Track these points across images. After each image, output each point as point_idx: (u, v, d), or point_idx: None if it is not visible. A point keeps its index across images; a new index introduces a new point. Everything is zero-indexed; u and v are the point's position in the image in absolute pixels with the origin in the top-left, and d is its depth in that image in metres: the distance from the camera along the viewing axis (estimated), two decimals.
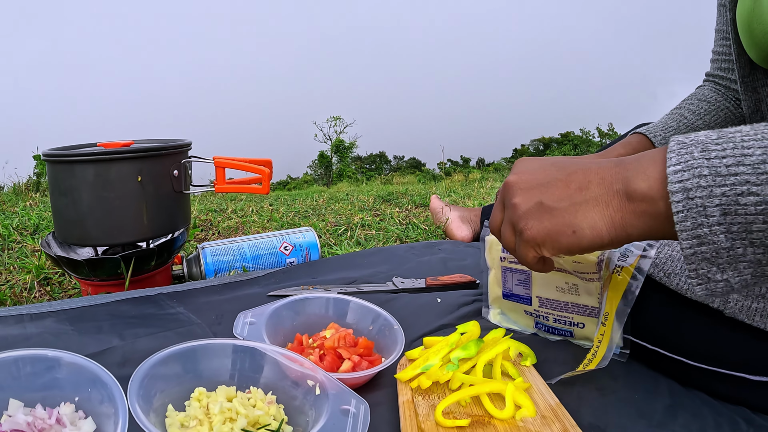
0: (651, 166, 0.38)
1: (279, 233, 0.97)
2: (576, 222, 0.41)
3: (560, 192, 0.43)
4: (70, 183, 0.76)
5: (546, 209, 0.43)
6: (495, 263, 0.74)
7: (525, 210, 0.44)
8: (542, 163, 0.47)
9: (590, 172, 0.42)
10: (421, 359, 0.58)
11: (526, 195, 0.45)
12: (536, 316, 0.70)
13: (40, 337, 0.59)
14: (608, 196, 0.40)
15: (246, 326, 0.57)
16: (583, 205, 0.41)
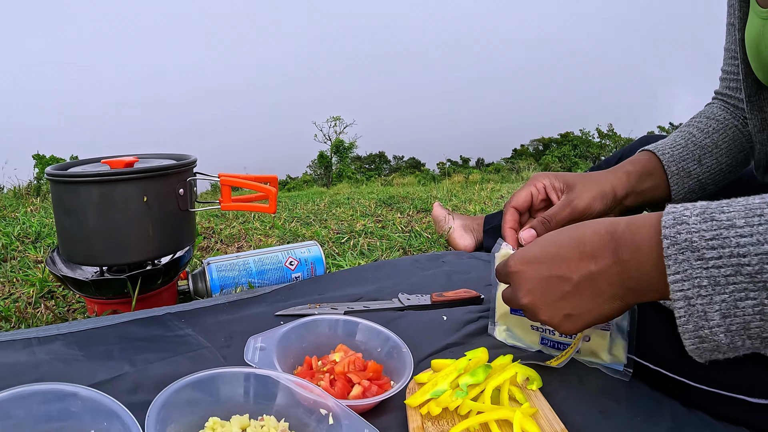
0: (651, 269, 0.43)
1: (284, 248, 0.97)
2: (604, 314, 0.49)
3: (579, 302, 0.50)
4: (75, 203, 0.75)
5: (575, 317, 0.51)
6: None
7: (557, 322, 0.52)
8: (541, 275, 0.52)
9: (595, 278, 0.47)
10: (430, 384, 0.58)
11: (550, 311, 0.52)
12: (542, 330, 0.70)
13: (50, 365, 0.59)
14: (621, 292, 0.47)
15: (257, 352, 0.58)
16: (604, 305, 0.48)
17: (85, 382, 0.54)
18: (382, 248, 1.36)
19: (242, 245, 1.39)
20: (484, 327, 0.79)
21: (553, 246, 0.52)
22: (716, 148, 0.77)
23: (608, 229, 0.47)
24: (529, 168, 6.79)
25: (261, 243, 1.39)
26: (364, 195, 2.60)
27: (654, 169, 0.75)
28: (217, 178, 0.81)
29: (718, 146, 0.77)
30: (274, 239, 1.44)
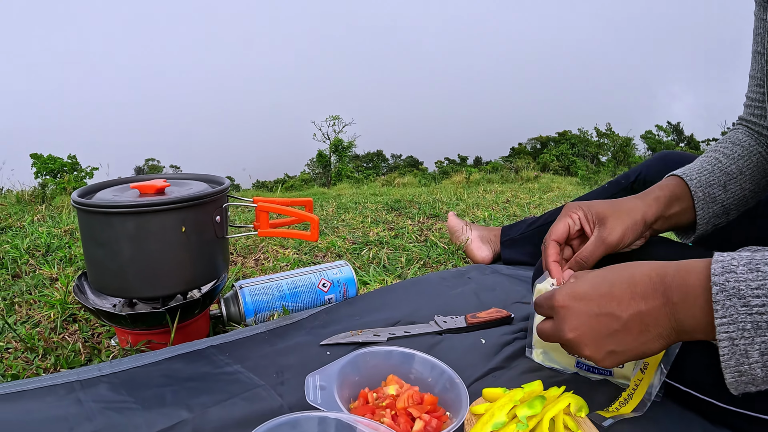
0: (698, 311, 0.46)
1: (316, 269, 0.96)
2: (647, 352, 0.52)
3: (625, 339, 0.52)
4: (108, 234, 0.71)
5: (619, 354, 0.53)
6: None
7: (600, 358, 0.54)
8: (590, 312, 0.54)
9: (644, 316, 0.50)
10: (488, 415, 0.59)
11: (595, 347, 0.54)
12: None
13: (104, 416, 0.56)
14: (666, 332, 0.49)
15: (318, 392, 0.57)
16: (648, 343, 0.51)
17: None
18: (401, 262, 1.35)
19: (259, 257, 1.38)
20: (521, 350, 0.80)
21: (604, 285, 0.54)
22: (741, 174, 0.78)
23: (659, 272, 0.50)
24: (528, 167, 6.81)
25: (279, 255, 1.38)
26: (369, 198, 2.59)
27: (682, 195, 0.76)
28: (253, 204, 0.79)
29: (743, 172, 0.78)
30: (291, 250, 1.43)
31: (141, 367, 0.66)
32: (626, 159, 21.95)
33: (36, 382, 0.62)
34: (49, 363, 0.78)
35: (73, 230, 1.58)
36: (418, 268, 1.30)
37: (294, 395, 0.62)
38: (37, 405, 0.58)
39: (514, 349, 0.79)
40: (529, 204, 2.44)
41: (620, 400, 0.64)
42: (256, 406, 0.59)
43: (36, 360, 0.79)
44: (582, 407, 0.62)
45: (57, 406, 0.58)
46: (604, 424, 0.60)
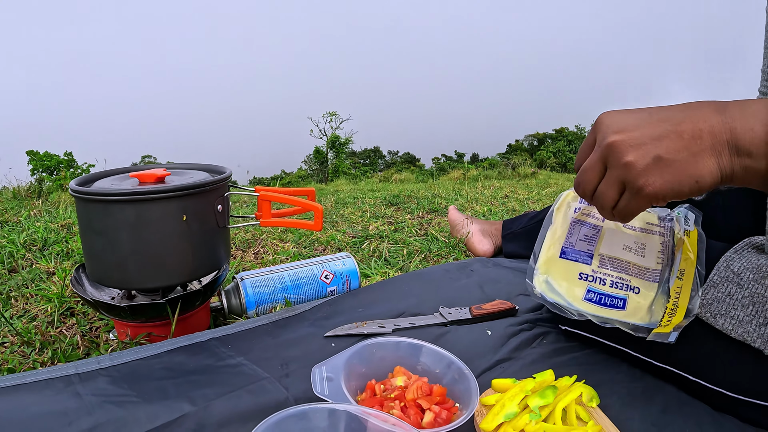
0: (756, 123, 0.41)
1: (318, 260, 0.94)
2: (698, 172, 0.43)
3: (676, 144, 0.43)
4: (107, 223, 0.69)
5: (666, 163, 0.44)
6: (561, 218, 0.73)
7: (643, 167, 0.44)
8: (639, 115, 0.46)
9: (699, 121, 0.43)
10: (498, 406, 0.58)
11: (640, 152, 0.45)
12: (592, 279, 0.68)
13: (104, 410, 0.54)
14: (720, 146, 0.43)
15: (325, 383, 0.55)
16: (701, 155, 0.43)
17: (146, 427, 0.52)
18: (403, 255, 1.34)
19: (259, 251, 1.36)
20: (528, 341, 0.79)
21: (651, 107, 0.48)
22: None
23: (715, 106, 0.45)
24: (525, 164, 6.82)
25: (278, 249, 1.36)
26: (367, 193, 2.57)
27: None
28: (255, 193, 0.77)
29: None
30: (291, 244, 1.41)
31: (141, 360, 0.65)
32: None
33: (33, 376, 0.60)
34: (46, 357, 0.76)
35: (70, 225, 1.56)
36: (420, 261, 1.29)
37: (300, 387, 0.61)
38: (35, 399, 0.56)
39: (521, 341, 0.78)
40: (527, 199, 2.43)
41: (668, 312, 0.63)
42: (261, 398, 0.58)
43: (33, 354, 0.77)
44: (593, 397, 0.62)
45: (55, 399, 0.56)
46: (670, 340, 0.59)
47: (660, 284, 0.65)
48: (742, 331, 0.58)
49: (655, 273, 0.66)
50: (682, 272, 0.63)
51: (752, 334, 0.57)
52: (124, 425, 0.52)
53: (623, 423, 0.57)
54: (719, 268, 0.62)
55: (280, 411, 0.46)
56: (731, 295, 0.60)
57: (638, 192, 0.46)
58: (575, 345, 0.76)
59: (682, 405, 0.62)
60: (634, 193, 0.46)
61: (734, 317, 0.59)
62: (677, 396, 0.64)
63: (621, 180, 0.47)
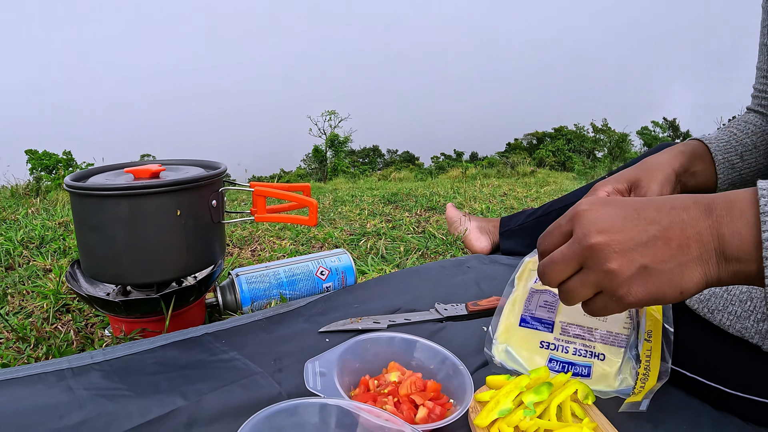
0: (744, 227, 0.39)
1: (314, 257, 0.94)
2: (683, 283, 0.41)
3: (663, 253, 0.41)
4: (102, 218, 0.69)
5: (651, 273, 0.41)
6: (522, 286, 0.71)
7: (627, 276, 0.41)
8: (625, 213, 0.43)
9: (687, 227, 0.41)
10: (493, 402, 0.58)
11: (625, 259, 0.41)
12: (554, 348, 0.66)
13: (95, 403, 0.54)
14: (707, 255, 0.40)
15: (318, 378, 0.55)
16: (688, 265, 0.41)
17: (137, 421, 0.51)
18: (400, 252, 1.34)
19: (256, 248, 1.36)
20: None
21: (637, 201, 0.45)
22: (755, 148, 0.79)
23: (700, 196, 0.43)
24: (524, 162, 6.82)
25: (275, 246, 1.36)
26: (366, 192, 2.57)
27: (703, 154, 0.76)
28: (250, 188, 0.77)
29: (757, 147, 0.79)
30: (288, 241, 1.41)
31: (134, 355, 0.64)
32: (622, 155, 22.03)
33: (26, 370, 0.60)
34: (40, 352, 0.76)
35: (68, 223, 1.56)
36: (417, 258, 1.29)
37: (292, 382, 0.60)
38: (27, 392, 0.56)
39: None
40: (526, 197, 2.43)
41: (640, 378, 0.61)
42: (253, 393, 0.57)
43: (27, 350, 0.77)
44: (589, 394, 0.62)
45: (47, 393, 0.56)
46: (642, 409, 0.57)
47: (627, 349, 0.63)
48: (740, 327, 0.58)
49: (620, 338, 0.64)
50: (650, 334, 0.61)
51: (750, 330, 0.57)
52: (116, 419, 0.51)
53: (618, 420, 0.57)
54: None
55: (270, 405, 0.45)
56: (729, 291, 0.59)
57: (618, 300, 0.43)
58: None
59: (679, 402, 0.62)
60: (613, 300, 0.43)
61: (732, 313, 0.59)
62: (674, 393, 0.64)
63: (599, 285, 0.43)
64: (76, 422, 0.51)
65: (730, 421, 0.59)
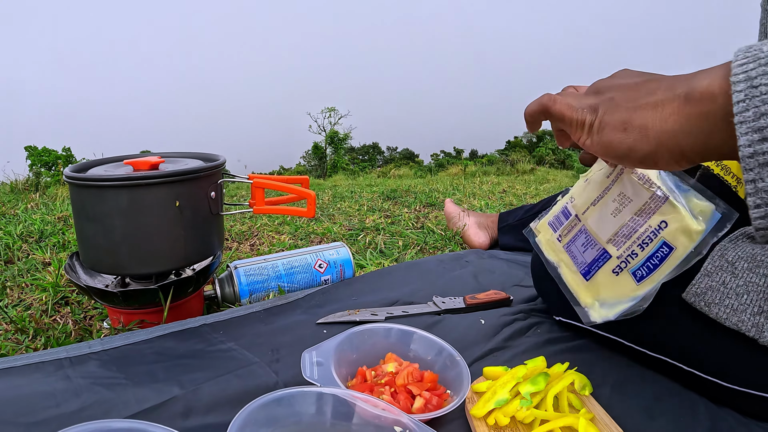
0: (717, 69, 0.37)
1: (312, 250, 0.94)
2: (630, 120, 0.40)
3: (630, 94, 0.42)
4: (101, 209, 0.69)
5: (614, 104, 0.42)
6: (557, 254, 0.67)
7: (599, 101, 0.43)
8: (635, 73, 0.45)
9: (663, 81, 0.41)
10: (490, 393, 0.58)
11: (605, 91, 0.44)
12: (625, 263, 0.57)
13: (92, 392, 0.54)
14: (668, 100, 0.39)
15: (314, 368, 0.55)
16: (642, 108, 0.40)
17: (134, 409, 0.51)
18: (398, 246, 1.34)
19: (255, 243, 1.36)
20: (521, 330, 0.78)
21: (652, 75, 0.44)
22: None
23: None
24: (523, 160, 6.82)
25: (274, 240, 1.36)
26: (365, 188, 2.57)
27: None
28: (248, 180, 0.77)
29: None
30: (287, 236, 1.41)
31: (132, 345, 0.65)
32: None
33: (24, 359, 0.60)
34: (39, 344, 0.76)
35: (67, 217, 1.56)
36: (415, 253, 1.29)
37: (289, 372, 0.61)
38: (25, 381, 0.56)
39: (514, 330, 0.78)
40: (525, 194, 2.43)
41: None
42: (250, 382, 0.58)
43: (26, 341, 0.77)
44: (586, 385, 0.62)
45: (44, 382, 0.56)
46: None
47: (671, 194, 0.54)
48: (736, 320, 0.58)
49: (657, 198, 0.55)
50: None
51: (747, 323, 0.57)
52: (113, 407, 0.52)
53: (616, 411, 0.57)
54: (713, 257, 0.62)
55: (266, 394, 0.45)
56: (725, 284, 0.59)
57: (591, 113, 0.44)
58: (569, 335, 0.76)
59: (675, 395, 0.62)
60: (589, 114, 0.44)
61: (728, 306, 0.59)
62: (671, 386, 0.64)
63: (586, 103, 0.45)
64: (74, 410, 0.51)
65: (728, 414, 0.59)
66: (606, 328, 0.71)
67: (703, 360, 0.62)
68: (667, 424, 0.57)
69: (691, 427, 0.56)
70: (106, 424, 0.40)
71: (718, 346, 0.60)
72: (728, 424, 0.57)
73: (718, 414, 0.59)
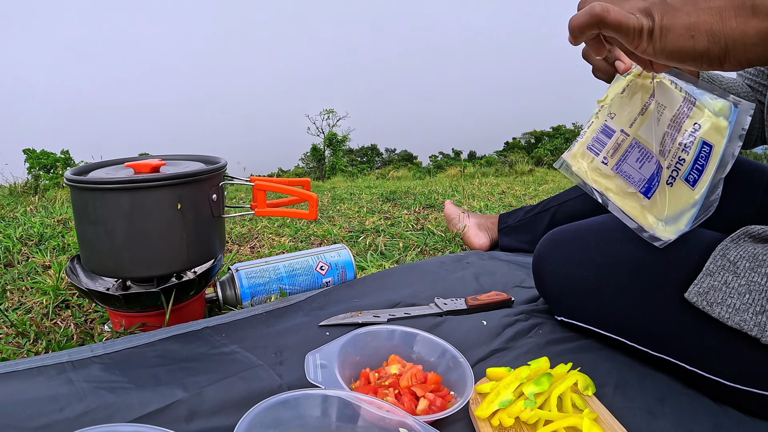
0: None
1: (313, 252, 0.94)
2: (695, 26, 0.40)
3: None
4: (102, 212, 0.69)
5: (671, 8, 0.42)
6: (605, 180, 0.63)
7: (649, 4, 0.43)
8: None
9: None
10: (493, 394, 0.58)
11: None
12: (676, 171, 0.56)
13: (96, 396, 0.54)
14: (733, 8, 0.39)
15: (318, 370, 0.55)
16: (705, 12, 0.40)
17: (138, 413, 0.51)
18: (399, 248, 1.34)
19: (255, 245, 1.36)
20: (523, 331, 0.79)
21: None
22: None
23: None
24: (522, 161, 6.83)
25: (275, 243, 1.36)
26: (364, 190, 2.57)
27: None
28: (250, 183, 0.77)
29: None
30: (287, 238, 1.41)
31: (135, 348, 0.64)
32: None
33: (26, 363, 0.60)
34: (40, 347, 0.76)
35: (66, 220, 1.56)
36: (416, 255, 1.29)
37: (293, 375, 0.60)
38: (27, 385, 0.56)
39: (516, 331, 0.78)
40: (524, 195, 2.43)
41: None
42: (254, 385, 0.58)
43: (27, 344, 0.77)
44: (589, 385, 0.62)
45: (47, 386, 0.55)
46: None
47: (696, 97, 0.55)
48: (738, 320, 0.58)
49: (688, 100, 0.56)
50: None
51: (749, 323, 0.57)
52: (117, 411, 0.51)
53: (619, 411, 0.57)
54: (715, 257, 0.62)
55: (271, 396, 0.45)
56: (727, 284, 0.60)
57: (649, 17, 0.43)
58: (571, 335, 0.76)
59: (678, 394, 0.62)
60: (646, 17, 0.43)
61: (731, 306, 0.59)
62: (674, 385, 0.64)
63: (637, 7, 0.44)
64: (77, 414, 0.51)
65: (730, 413, 0.59)
66: (608, 328, 0.72)
67: (705, 359, 0.62)
68: (669, 423, 0.57)
69: (694, 426, 0.56)
70: (111, 428, 0.40)
71: (721, 345, 0.61)
72: (731, 423, 0.57)
73: (721, 413, 0.59)
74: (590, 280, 0.72)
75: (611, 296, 0.70)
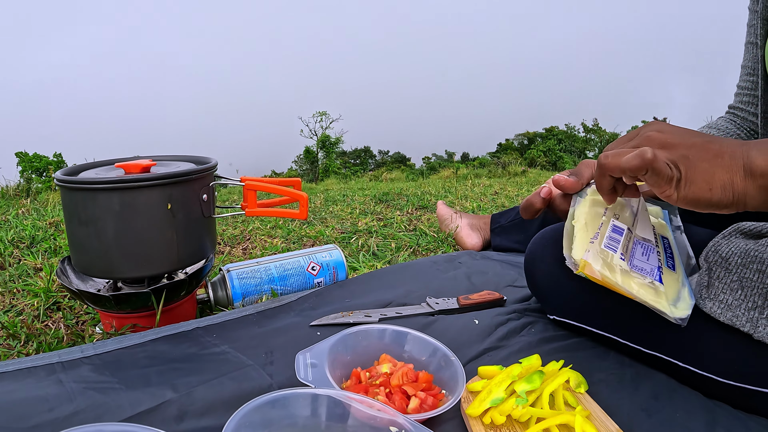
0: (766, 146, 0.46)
1: (305, 252, 0.94)
2: (712, 181, 0.48)
3: (701, 154, 0.48)
4: (92, 212, 0.69)
5: (690, 162, 0.48)
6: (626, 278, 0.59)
7: (674, 157, 0.49)
8: (678, 128, 0.52)
9: (723, 145, 0.49)
10: (485, 392, 0.58)
11: (672, 148, 0.49)
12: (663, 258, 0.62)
13: (85, 396, 0.54)
14: (736, 167, 0.47)
15: (309, 369, 0.55)
16: (718, 170, 0.48)
17: (128, 413, 0.51)
18: (391, 249, 1.34)
19: (247, 246, 1.35)
20: (515, 330, 0.79)
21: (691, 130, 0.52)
22: None
23: (739, 141, 0.50)
24: (515, 162, 6.85)
25: (267, 244, 1.36)
26: (357, 192, 2.57)
27: None
28: (240, 183, 0.77)
29: None
30: (279, 240, 1.41)
31: (125, 349, 0.64)
32: None
33: (16, 364, 0.60)
34: (30, 349, 0.75)
35: (58, 222, 1.55)
36: (408, 255, 1.29)
37: (284, 374, 0.60)
38: (17, 386, 0.55)
39: (508, 330, 0.78)
40: (517, 196, 2.44)
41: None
42: (244, 385, 0.57)
43: (18, 346, 0.76)
44: (581, 383, 0.62)
45: (37, 386, 0.55)
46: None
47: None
48: (730, 315, 0.58)
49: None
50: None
51: (741, 318, 0.57)
52: (106, 411, 0.51)
53: (612, 409, 0.57)
54: (707, 253, 0.62)
55: (260, 396, 0.45)
56: (720, 280, 0.60)
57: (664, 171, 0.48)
58: (563, 334, 0.77)
59: (672, 391, 0.62)
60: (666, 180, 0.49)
61: (723, 301, 0.59)
62: (667, 383, 0.64)
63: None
64: (66, 414, 0.50)
65: (723, 409, 0.59)
66: (600, 326, 0.72)
67: (698, 356, 0.62)
68: (663, 420, 0.57)
69: (687, 423, 0.56)
70: (100, 427, 0.40)
71: (713, 341, 0.61)
72: (724, 419, 0.57)
73: (714, 409, 0.59)
74: (581, 278, 0.73)
75: (603, 294, 0.70)
